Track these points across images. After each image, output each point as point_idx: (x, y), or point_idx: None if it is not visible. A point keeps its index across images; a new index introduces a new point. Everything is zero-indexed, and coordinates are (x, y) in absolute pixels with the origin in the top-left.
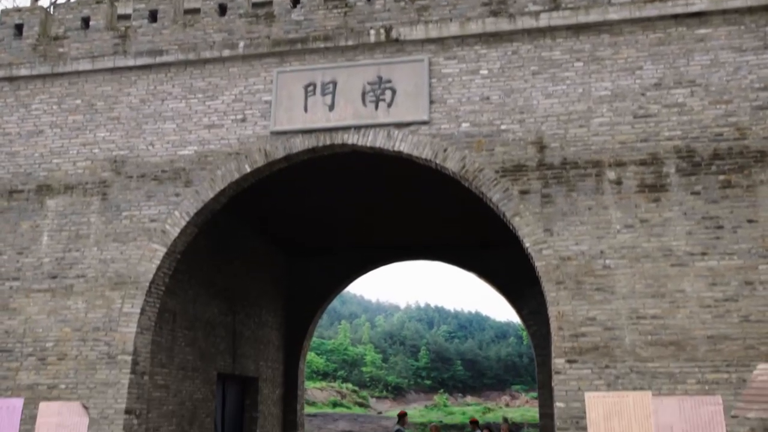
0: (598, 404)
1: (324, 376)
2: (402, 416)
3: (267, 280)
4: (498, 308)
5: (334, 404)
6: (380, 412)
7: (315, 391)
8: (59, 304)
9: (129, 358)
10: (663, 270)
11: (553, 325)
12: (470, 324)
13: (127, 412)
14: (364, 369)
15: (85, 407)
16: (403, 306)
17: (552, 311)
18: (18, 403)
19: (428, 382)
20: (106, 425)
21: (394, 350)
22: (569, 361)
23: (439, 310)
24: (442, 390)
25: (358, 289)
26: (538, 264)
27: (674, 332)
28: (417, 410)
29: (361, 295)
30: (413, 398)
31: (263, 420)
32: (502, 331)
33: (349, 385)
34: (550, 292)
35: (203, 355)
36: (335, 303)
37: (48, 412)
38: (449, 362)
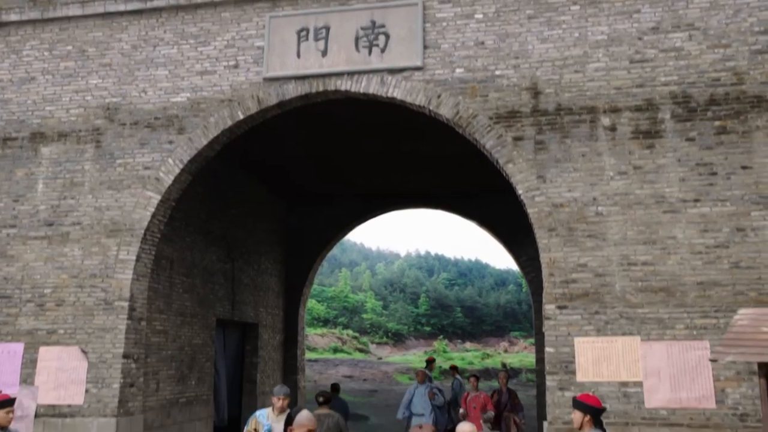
0: (587, 349)
1: (325, 322)
2: (430, 362)
3: (266, 228)
4: (498, 256)
5: (335, 350)
6: (380, 358)
7: (316, 338)
8: (56, 251)
9: (126, 304)
10: (655, 217)
11: (545, 271)
12: (470, 272)
13: (125, 356)
14: (364, 316)
15: (84, 352)
16: (403, 254)
17: (544, 258)
18: (18, 347)
19: (428, 328)
20: (105, 369)
21: (394, 297)
22: (559, 307)
23: (439, 258)
24: (441, 336)
25: (359, 237)
26: (531, 211)
27: (664, 278)
28: (416, 356)
29: (361, 243)
30: (413, 344)
31: (264, 364)
32: (502, 279)
33: (350, 332)
34: (542, 238)
35: (202, 302)
36: (335, 251)
37: (48, 356)
38: (449, 309)
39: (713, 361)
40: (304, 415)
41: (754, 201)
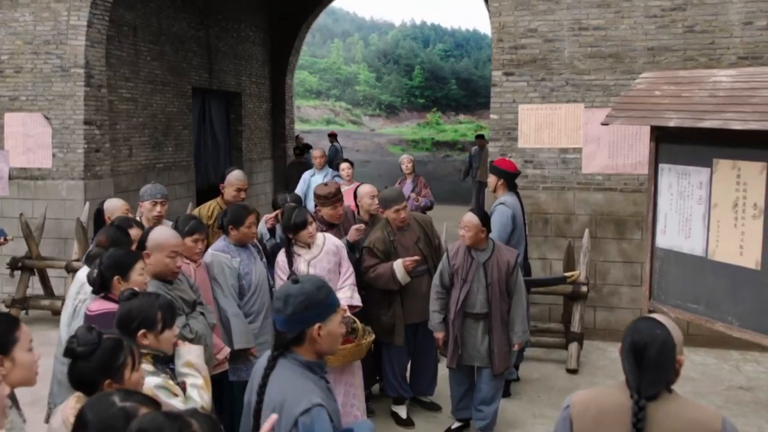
0: (530, 116)
1: (317, 94)
2: (332, 136)
3: None
4: None
5: (328, 122)
6: (373, 130)
7: (308, 109)
8: (7, 16)
9: (81, 71)
10: None
11: (494, 37)
12: (467, 42)
13: (86, 122)
14: (357, 88)
15: (47, 118)
16: (398, 24)
17: (493, 22)
18: None
19: (421, 100)
20: (68, 135)
21: (387, 69)
22: (506, 74)
23: (436, 29)
24: (435, 108)
25: (351, 5)
26: None
27: (615, 44)
28: (409, 128)
29: (354, 12)
30: (406, 116)
31: (250, 133)
32: None
33: (343, 104)
34: (492, 2)
35: (174, 70)
36: (327, 21)
37: (13, 122)
38: (444, 81)
39: (605, 124)
40: (234, 174)
41: None
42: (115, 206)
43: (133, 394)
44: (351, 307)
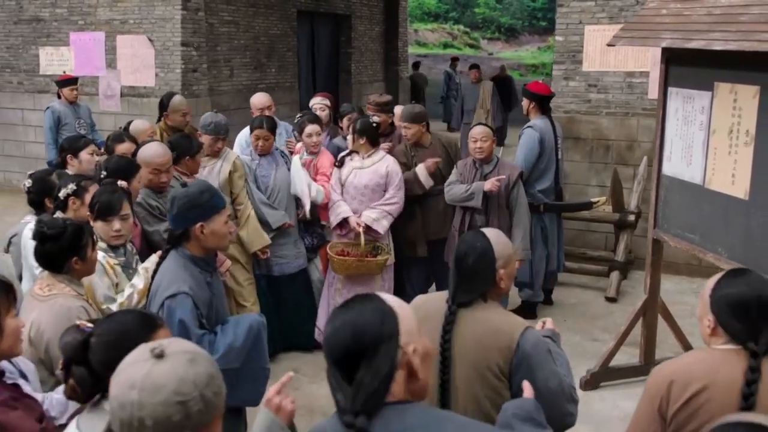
0: (596, 37)
1: (435, 17)
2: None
3: None
4: None
5: (445, 45)
6: (491, 54)
7: (426, 33)
8: None
9: None
10: None
11: None
12: None
13: (184, 44)
14: (476, 10)
15: (150, 40)
16: None
17: None
18: (101, 36)
19: (543, 23)
20: (168, 55)
21: None
22: None
23: None
24: None
25: None
26: None
27: None
28: (529, 52)
29: None
30: (526, 40)
31: (360, 55)
32: None
33: (461, 27)
34: None
35: None
36: None
37: (124, 44)
38: None
39: (610, 45)
40: (177, 100)
41: None
42: (139, 129)
43: None
44: (370, 228)
